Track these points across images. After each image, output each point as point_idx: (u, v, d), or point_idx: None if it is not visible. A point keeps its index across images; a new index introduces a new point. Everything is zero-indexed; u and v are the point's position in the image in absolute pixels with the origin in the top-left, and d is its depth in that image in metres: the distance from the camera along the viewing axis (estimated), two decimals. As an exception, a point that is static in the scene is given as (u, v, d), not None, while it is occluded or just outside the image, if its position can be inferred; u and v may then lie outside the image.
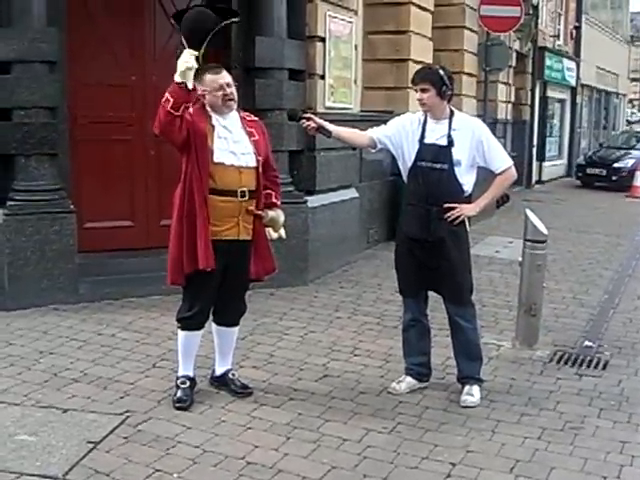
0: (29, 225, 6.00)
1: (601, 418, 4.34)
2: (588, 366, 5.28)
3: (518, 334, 5.67)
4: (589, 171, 18.59)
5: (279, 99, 6.93)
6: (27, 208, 6.01)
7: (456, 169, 4.31)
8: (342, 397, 4.48)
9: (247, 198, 4.15)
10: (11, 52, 5.90)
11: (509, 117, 15.49)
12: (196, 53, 3.93)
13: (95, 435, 3.81)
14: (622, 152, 19.19)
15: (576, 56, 20.94)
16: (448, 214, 4.31)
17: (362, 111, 8.73)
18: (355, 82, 8.27)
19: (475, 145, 4.35)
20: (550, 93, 19.18)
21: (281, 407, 4.29)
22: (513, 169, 4.54)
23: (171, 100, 3.87)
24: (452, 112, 4.41)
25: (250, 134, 4.22)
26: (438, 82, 4.29)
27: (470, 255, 4.53)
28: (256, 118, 4.45)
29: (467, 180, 4.38)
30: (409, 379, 4.64)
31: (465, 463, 3.70)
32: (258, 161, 4.20)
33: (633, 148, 19.60)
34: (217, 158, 4.06)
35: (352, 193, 8.17)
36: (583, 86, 22.34)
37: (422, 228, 4.34)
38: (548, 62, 18.02)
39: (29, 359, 4.92)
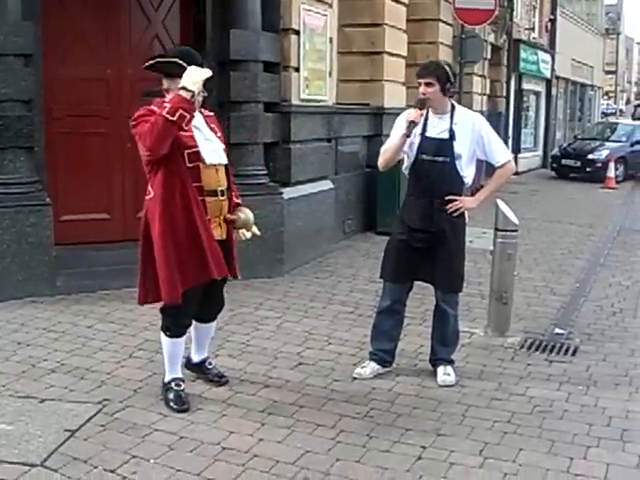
0: (5, 218, 6.01)
1: (569, 402, 4.46)
2: (558, 352, 5.41)
3: (490, 322, 5.79)
4: (564, 162, 18.80)
5: (254, 91, 6.98)
6: (3, 201, 6.02)
7: (457, 162, 4.47)
8: (316, 384, 4.56)
9: (225, 196, 4.16)
10: (-15, 45, 5.90)
11: (484, 109, 15.62)
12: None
13: (72, 423, 3.87)
14: (597, 144, 19.41)
15: (551, 48, 21.14)
16: (449, 206, 4.46)
17: (337, 103, 8.80)
18: (330, 74, 8.33)
19: (476, 139, 4.50)
20: (525, 85, 19.36)
21: (256, 394, 4.37)
22: (512, 162, 4.74)
23: (176, 110, 3.72)
24: (453, 106, 4.55)
25: (213, 130, 4.19)
26: (443, 77, 4.41)
27: (465, 246, 4.72)
28: (212, 113, 4.36)
29: (468, 173, 4.55)
30: (373, 364, 4.75)
31: (436, 446, 3.79)
32: (228, 158, 4.22)
33: (607, 140, 19.83)
34: (205, 159, 4.01)
35: (328, 185, 8.24)
36: (558, 78, 22.57)
37: (424, 219, 4.49)
38: (523, 54, 18.19)
39: (6, 350, 4.95)
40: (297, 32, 7.48)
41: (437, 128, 4.48)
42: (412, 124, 4.33)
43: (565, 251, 9.38)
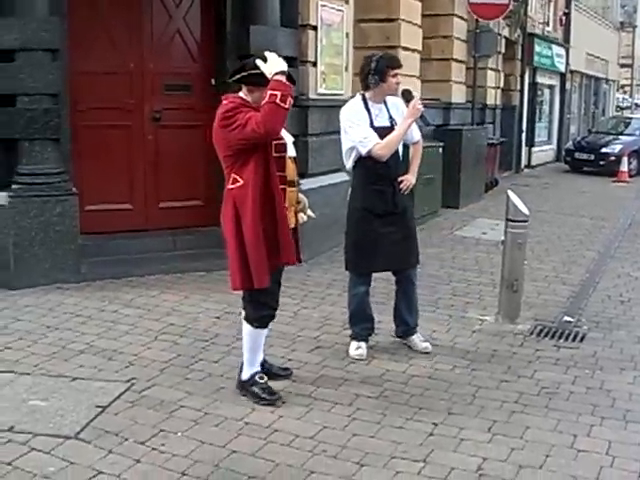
0: (33, 207, 6.25)
1: (575, 384, 4.65)
2: (566, 339, 5.59)
3: (501, 309, 5.97)
4: (577, 156, 18.86)
5: (273, 86, 7.16)
6: (31, 191, 6.27)
7: (399, 146, 4.84)
8: (333, 366, 4.77)
9: (297, 187, 4.36)
10: (15, 41, 6.13)
11: (498, 103, 15.75)
12: None
13: (103, 400, 4.09)
14: (610, 137, 19.47)
15: (565, 42, 21.16)
16: (402, 185, 4.85)
17: (353, 97, 8.96)
18: (346, 69, 8.51)
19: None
20: (539, 79, 19.41)
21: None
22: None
23: (287, 96, 3.83)
24: None
25: None
26: None
27: None
28: None
29: (405, 153, 4.95)
30: (363, 343, 5.03)
31: (447, 423, 4.00)
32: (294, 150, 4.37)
33: (621, 134, 19.89)
34: (290, 150, 4.20)
35: (343, 176, 8.40)
36: (572, 72, 22.56)
37: (388, 203, 4.83)
38: (537, 48, 18.24)
39: (37, 333, 5.19)
40: (314, 28, 7.67)
41: (380, 117, 4.79)
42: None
43: (576, 243, 9.53)
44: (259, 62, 3.97)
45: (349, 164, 4.93)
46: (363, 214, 4.87)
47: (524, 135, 18.13)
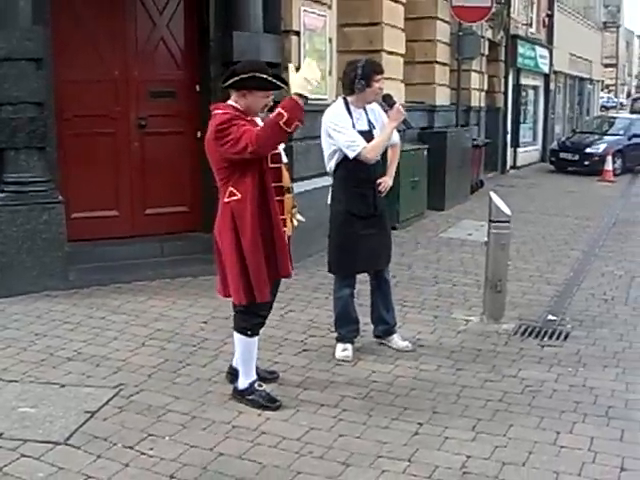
0: (20, 216, 6.28)
1: (558, 382, 4.72)
2: (550, 337, 5.67)
3: (485, 309, 6.05)
4: (562, 156, 19.02)
5: (257, 91, 7.21)
6: (17, 199, 6.29)
7: None
8: (319, 369, 4.83)
9: (292, 193, 4.34)
10: (-1, 50, 6.16)
11: (482, 105, 15.86)
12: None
13: (92, 406, 4.13)
14: (595, 137, 19.65)
15: (549, 43, 21.34)
16: (381, 188, 4.96)
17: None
18: (330, 73, 8.58)
19: (381, 124, 4.94)
20: (523, 80, 19.55)
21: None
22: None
23: (293, 121, 3.78)
24: None
25: None
26: None
27: None
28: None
29: (382, 156, 5.02)
30: (349, 345, 5.10)
31: (431, 423, 4.06)
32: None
33: (605, 133, 20.07)
34: (284, 157, 4.22)
35: (327, 180, 8.39)
36: (556, 73, 22.75)
37: (369, 205, 4.95)
38: (521, 50, 18.39)
39: (25, 341, 5.22)
40: (297, 33, 7.73)
41: (360, 121, 4.89)
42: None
43: (561, 242, 9.62)
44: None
45: (330, 167, 4.99)
46: (346, 217, 4.95)
47: (509, 136, 18.26)
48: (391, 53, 10.41)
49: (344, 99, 4.94)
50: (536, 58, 19.95)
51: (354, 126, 4.84)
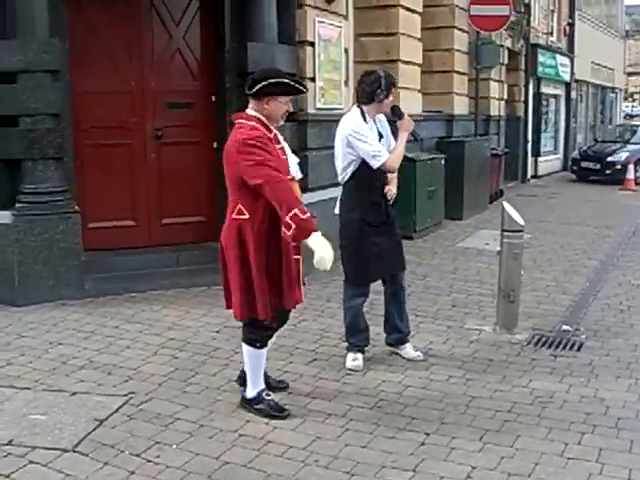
0: (37, 225, 6.37)
1: (569, 393, 4.69)
2: (564, 348, 5.62)
3: (498, 319, 6.02)
4: (584, 165, 18.87)
5: (272, 102, 7.26)
6: (35, 209, 6.39)
7: None
8: (329, 378, 4.84)
9: None
10: (17, 63, 6.26)
11: (502, 114, 15.80)
12: None
13: (101, 414, 4.17)
14: (617, 146, 19.48)
15: (570, 52, 21.22)
16: (388, 196, 5.04)
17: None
18: (346, 83, 8.61)
19: (387, 133, 5.04)
20: (544, 89, 19.45)
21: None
22: None
23: (292, 234, 3.80)
24: None
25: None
26: None
27: None
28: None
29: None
30: (360, 355, 5.09)
31: (439, 433, 4.05)
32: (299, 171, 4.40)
33: (628, 142, 19.88)
34: (298, 173, 4.27)
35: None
36: (578, 81, 22.62)
37: (381, 213, 5.01)
38: (541, 59, 18.30)
39: (39, 349, 5.29)
40: (312, 44, 7.78)
41: (372, 130, 4.92)
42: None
43: (579, 252, 9.55)
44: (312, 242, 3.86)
45: (343, 176, 5.00)
46: (361, 225, 4.95)
47: (529, 145, 18.16)
48: (408, 63, 10.43)
49: (360, 109, 4.94)
50: (557, 67, 19.85)
51: None
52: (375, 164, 4.83)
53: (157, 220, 7.68)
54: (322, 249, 3.84)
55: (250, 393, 4.28)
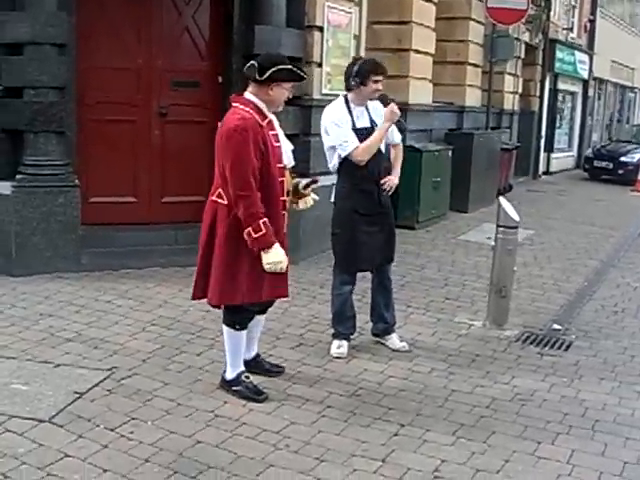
0: (36, 197, 6.42)
1: (550, 392, 4.69)
2: (552, 347, 5.62)
3: (489, 314, 6.02)
4: (596, 164, 18.75)
5: (277, 85, 7.26)
6: (35, 181, 6.44)
7: (381, 147, 4.94)
8: (312, 364, 4.86)
9: (290, 196, 4.35)
10: (23, 34, 6.29)
11: (516, 108, 15.69)
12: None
13: (82, 387, 4.22)
14: (631, 146, 19.31)
15: (589, 49, 21.03)
16: (386, 186, 4.95)
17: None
18: (355, 70, 8.56)
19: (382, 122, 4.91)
20: (561, 85, 19.31)
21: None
22: None
23: (250, 238, 3.92)
24: None
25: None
26: None
27: None
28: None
29: (388, 154, 5.03)
30: (345, 342, 5.11)
31: (413, 425, 4.07)
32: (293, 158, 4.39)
33: (642, 143, 19.73)
34: (291, 161, 4.25)
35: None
36: (596, 79, 22.41)
37: (374, 202, 4.94)
38: (559, 54, 18.15)
39: (29, 320, 5.34)
40: (321, 29, 7.75)
41: (361, 118, 4.89)
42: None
43: (581, 251, 9.51)
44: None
45: (333, 164, 5.01)
46: (351, 214, 4.96)
47: (542, 141, 18.04)
48: (420, 52, 10.37)
49: (345, 97, 4.96)
50: (575, 63, 19.68)
51: (354, 123, 4.85)
52: (341, 153, 4.85)
53: (158, 198, 7.70)
54: (272, 259, 3.97)
55: (229, 374, 4.31)
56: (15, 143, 6.52)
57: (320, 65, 7.82)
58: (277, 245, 3.98)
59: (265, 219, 3.91)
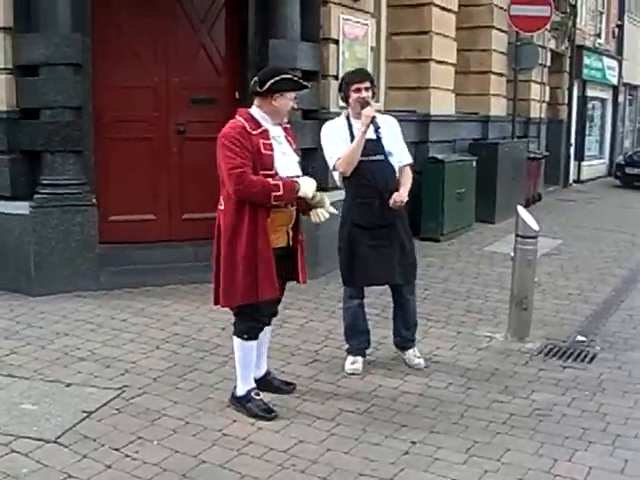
0: (54, 217, 6.46)
1: (570, 407, 4.53)
2: (575, 359, 5.45)
3: (510, 327, 5.88)
4: (628, 171, 18.42)
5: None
6: (52, 201, 6.48)
7: (390, 159, 4.82)
8: (325, 380, 4.78)
9: (295, 207, 4.28)
10: (39, 56, 6.37)
11: (543, 116, 15.48)
12: None
13: (90, 406, 4.20)
14: (664, 152, 18.99)
15: (618, 55, 20.73)
16: (394, 201, 4.73)
17: (386, 110, 8.95)
18: (373, 82, 8.51)
19: (393, 138, 4.86)
20: (590, 92, 19.03)
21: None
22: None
23: (283, 199, 4.03)
24: None
25: (289, 142, 4.28)
26: (373, 82, 4.90)
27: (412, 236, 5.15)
28: (289, 125, 4.43)
29: (396, 169, 4.89)
30: (360, 358, 5.01)
31: (425, 442, 3.95)
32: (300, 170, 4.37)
33: (675, 149, 19.38)
34: (280, 172, 4.18)
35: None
36: (626, 85, 22.08)
37: (374, 216, 4.80)
38: (587, 61, 17.91)
39: (45, 339, 5.35)
40: (336, 41, 7.72)
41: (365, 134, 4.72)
42: (373, 119, 4.65)
43: (610, 260, 9.30)
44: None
45: (337, 179, 4.96)
46: (352, 228, 4.87)
47: (572, 149, 17.78)
48: (440, 62, 10.28)
49: (347, 113, 4.90)
50: (604, 69, 19.40)
51: (353, 137, 4.74)
52: (330, 167, 4.82)
53: (177, 215, 7.71)
54: (306, 189, 4.15)
55: (240, 391, 4.25)
56: (33, 163, 6.58)
57: (337, 78, 7.76)
58: (297, 180, 4.13)
59: (269, 178, 3.99)
